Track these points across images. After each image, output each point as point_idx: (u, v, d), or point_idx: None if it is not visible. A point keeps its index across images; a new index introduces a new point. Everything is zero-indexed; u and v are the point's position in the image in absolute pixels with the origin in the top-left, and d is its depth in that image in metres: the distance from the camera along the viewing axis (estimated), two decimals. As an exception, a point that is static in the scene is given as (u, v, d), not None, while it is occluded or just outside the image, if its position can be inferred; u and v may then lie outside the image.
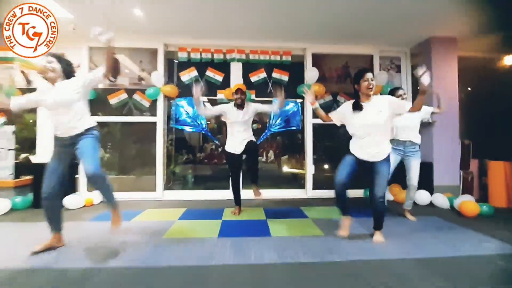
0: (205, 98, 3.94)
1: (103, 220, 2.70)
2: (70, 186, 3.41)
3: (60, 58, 1.95)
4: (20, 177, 3.45)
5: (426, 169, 3.63)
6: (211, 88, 3.88)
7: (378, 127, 2.07)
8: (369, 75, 2.06)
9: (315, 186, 4.01)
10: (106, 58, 1.89)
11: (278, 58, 3.98)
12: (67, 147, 1.91)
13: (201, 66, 3.91)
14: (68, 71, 1.96)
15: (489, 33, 3.57)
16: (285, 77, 3.98)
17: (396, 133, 2.75)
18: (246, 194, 3.23)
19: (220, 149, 4.56)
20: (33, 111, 3.69)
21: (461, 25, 3.44)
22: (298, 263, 1.77)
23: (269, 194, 3.73)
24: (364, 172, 2.18)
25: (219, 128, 4.48)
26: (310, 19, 3.29)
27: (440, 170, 3.69)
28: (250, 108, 2.88)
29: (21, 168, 3.47)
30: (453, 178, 3.71)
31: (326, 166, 4.36)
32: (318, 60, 4.07)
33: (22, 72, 3.64)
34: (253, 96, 3.88)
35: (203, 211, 3.14)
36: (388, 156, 2.13)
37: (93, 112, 3.80)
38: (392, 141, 2.65)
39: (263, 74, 3.97)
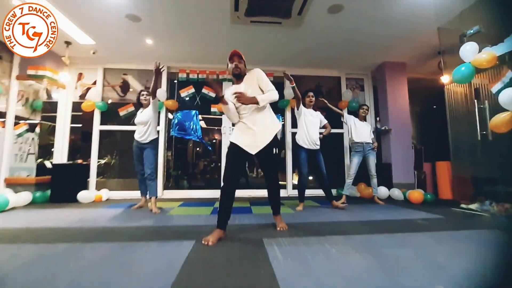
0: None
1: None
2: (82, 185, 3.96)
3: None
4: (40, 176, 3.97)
5: (386, 169, 4.37)
6: (207, 103, 4.62)
7: None
8: (310, 93, 3.25)
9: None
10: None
11: (262, 78, 4.79)
12: None
13: (198, 85, 4.68)
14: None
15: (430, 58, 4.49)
16: (268, 94, 4.75)
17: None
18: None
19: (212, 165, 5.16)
20: (50, 119, 4.30)
21: (408, 52, 4.34)
22: (266, 223, 2.40)
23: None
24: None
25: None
26: (287, 50, 4.15)
27: (397, 170, 4.41)
28: (254, 76, 2.08)
29: (40, 169, 4.02)
30: (408, 176, 4.43)
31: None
32: (295, 80, 4.87)
33: (46, 89, 4.27)
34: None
35: (197, 203, 3.73)
36: None
37: (103, 122, 4.51)
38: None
39: (249, 92, 4.74)
